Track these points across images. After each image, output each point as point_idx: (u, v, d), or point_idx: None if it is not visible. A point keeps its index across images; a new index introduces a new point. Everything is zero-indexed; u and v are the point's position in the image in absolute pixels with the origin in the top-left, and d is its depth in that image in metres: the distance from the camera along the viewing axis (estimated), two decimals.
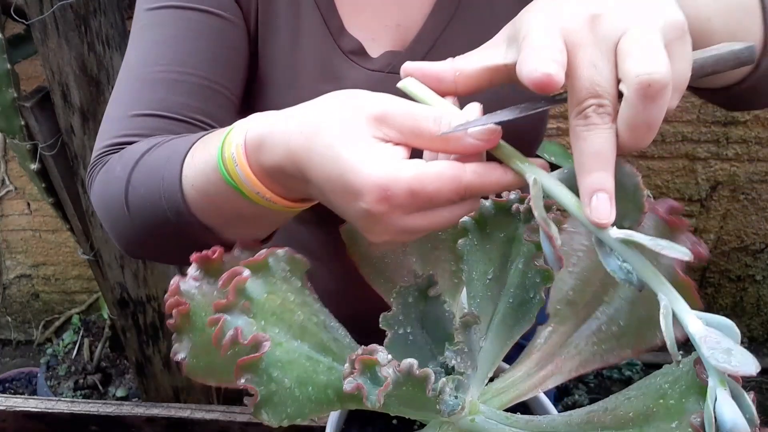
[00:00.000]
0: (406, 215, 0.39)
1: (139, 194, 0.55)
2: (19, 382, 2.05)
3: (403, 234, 0.40)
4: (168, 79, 0.61)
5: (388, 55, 0.68)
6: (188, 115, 0.62)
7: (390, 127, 0.39)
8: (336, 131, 0.39)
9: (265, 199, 0.47)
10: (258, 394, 0.37)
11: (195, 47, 0.62)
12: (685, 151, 1.82)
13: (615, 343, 0.47)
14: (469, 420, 0.45)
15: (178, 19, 0.63)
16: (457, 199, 0.39)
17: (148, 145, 0.56)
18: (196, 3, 0.63)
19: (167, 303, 0.41)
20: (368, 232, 0.41)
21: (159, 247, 0.58)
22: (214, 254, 0.44)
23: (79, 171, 1.38)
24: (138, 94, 0.61)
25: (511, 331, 0.49)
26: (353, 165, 0.38)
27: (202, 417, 0.75)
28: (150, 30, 0.64)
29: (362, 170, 0.38)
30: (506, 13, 0.65)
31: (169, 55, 0.62)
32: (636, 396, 0.41)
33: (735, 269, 2.03)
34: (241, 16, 0.66)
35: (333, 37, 0.67)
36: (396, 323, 0.43)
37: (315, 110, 0.42)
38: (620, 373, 1.96)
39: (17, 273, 2.22)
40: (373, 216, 0.39)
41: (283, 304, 0.41)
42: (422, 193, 0.38)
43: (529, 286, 0.48)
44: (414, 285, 0.44)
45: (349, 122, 0.39)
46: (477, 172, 0.38)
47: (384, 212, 0.38)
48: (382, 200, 0.38)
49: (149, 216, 0.54)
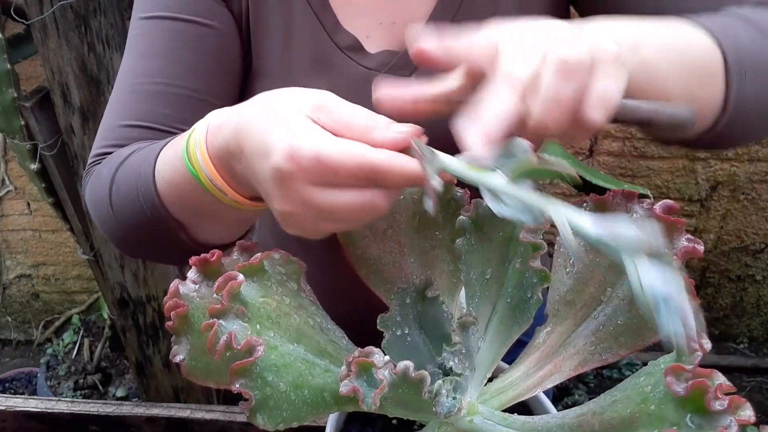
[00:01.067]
0: (311, 186, 0.41)
1: (120, 193, 0.59)
2: (19, 382, 2.06)
3: (307, 208, 0.42)
4: (153, 90, 0.64)
5: (386, 54, 0.68)
6: (171, 125, 0.64)
7: (325, 114, 0.42)
8: (276, 107, 0.43)
9: (217, 187, 0.49)
10: (253, 398, 0.37)
11: (180, 58, 0.65)
12: (685, 151, 1.82)
13: (613, 343, 0.47)
14: (467, 421, 0.45)
15: (166, 30, 0.65)
16: (363, 179, 0.40)
17: (131, 149, 0.61)
18: (183, 14, 0.65)
19: (166, 305, 0.41)
20: (274, 200, 0.43)
21: (142, 244, 0.61)
22: (213, 257, 0.44)
23: (79, 171, 1.38)
24: (126, 104, 0.65)
25: (510, 331, 0.50)
26: (274, 127, 0.42)
27: (202, 417, 0.75)
28: (141, 40, 0.67)
29: (280, 130, 0.41)
30: (509, 15, 0.65)
31: (155, 66, 0.65)
32: (621, 399, 0.41)
33: (735, 269, 2.03)
34: (231, 20, 0.68)
35: (328, 33, 0.67)
36: (394, 324, 0.43)
37: (269, 94, 0.45)
38: (620, 373, 1.96)
39: (17, 273, 2.22)
40: (279, 177, 0.41)
41: (278, 307, 0.41)
42: (328, 160, 0.39)
43: (526, 286, 0.48)
44: (412, 286, 0.44)
45: (290, 102, 0.43)
46: (384, 153, 0.40)
47: (290, 172, 0.40)
48: (289, 158, 0.40)
49: (129, 212, 0.58)
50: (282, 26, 0.68)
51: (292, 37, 0.68)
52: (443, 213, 0.52)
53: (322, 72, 0.67)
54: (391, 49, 0.68)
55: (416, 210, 0.52)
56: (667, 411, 0.36)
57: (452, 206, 0.51)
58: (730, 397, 0.34)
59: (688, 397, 0.35)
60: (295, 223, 0.44)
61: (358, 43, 0.67)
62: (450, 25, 0.67)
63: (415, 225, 0.52)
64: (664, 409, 0.37)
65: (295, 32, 0.68)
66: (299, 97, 0.43)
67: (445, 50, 0.42)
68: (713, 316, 2.13)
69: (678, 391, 0.34)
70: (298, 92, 0.44)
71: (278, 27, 0.68)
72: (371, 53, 0.68)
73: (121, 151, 0.62)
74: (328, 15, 0.67)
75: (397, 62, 0.67)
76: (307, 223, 0.43)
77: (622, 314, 0.46)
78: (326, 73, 0.67)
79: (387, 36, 0.68)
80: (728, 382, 0.35)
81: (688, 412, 0.35)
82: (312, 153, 0.40)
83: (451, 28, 0.44)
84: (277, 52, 0.68)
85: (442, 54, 0.42)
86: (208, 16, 0.66)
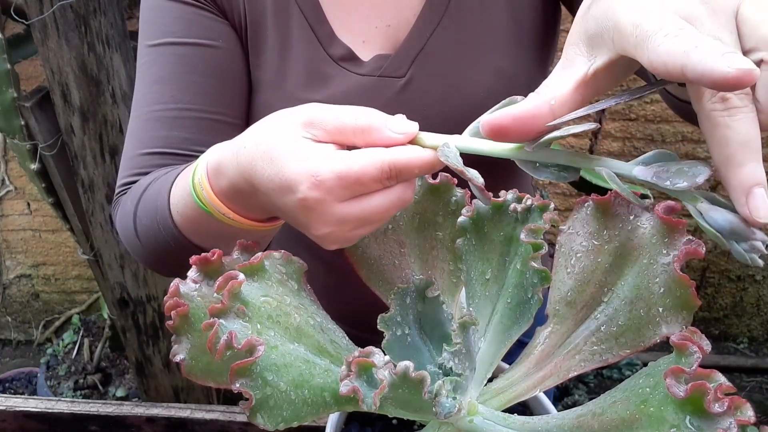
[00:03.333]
0: (340, 203, 0.42)
1: (144, 225, 0.62)
2: (19, 382, 2.06)
3: (343, 224, 0.43)
4: (168, 117, 0.66)
5: (378, 58, 0.68)
6: (189, 148, 0.66)
7: (317, 128, 0.43)
8: (272, 139, 0.44)
9: (230, 219, 0.51)
10: (253, 398, 0.36)
11: (190, 82, 0.67)
12: (685, 151, 1.82)
13: (614, 343, 0.46)
14: (467, 421, 0.45)
15: (173, 56, 0.67)
16: (386, 180, 0.41)
17: (149, 179, 0.63)
18: (187, 37, 0.67)
19: (166, 304, 0.41)
20: (310, 228, 0.44)
21: (174, 267, 0.63)
22: (213, 256, 0.44)
23: (79, 171, 1.38)
24: (143, 133, 0.67)
25: (510, 331, 0.49)
26: (285, 161, 0.42)
27: (202, 417, 0.75)
28: (150, 67, 0.69)
29: (293, 162, 0.42)
30: (498, 13, 0.66)
31: (167, 92, 0.67)
32: (620, 400, 0.41)
33: (735, 269, 2.03)
34: (233, 36, 0.69)
35: (322, 45, 0.68)
36: (394, 324, 0.43)
37: (256, 128, 0.46)
38: (620, 373, 1.96)
39: (17, 273, 2.22)
40: (309, 205, 0.42)
41: (279, 306, 0.41)
42: (350, 175, 0.41)
43: (527, 286, 0.48)
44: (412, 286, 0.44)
45: (281, 129, 0.44)
46: (397, 149, 0.41)
47: (318, 199, 0.41)
48: (314, 186, 0.41)
49: (154, 242, 0.61)
50: (278, 39, 0.68)
51: (289, 50, 0.68)
52: (443, 213, 0.52)
53: (317, 84, 0.68)
54: (382, 53, 0.68)
55: (416, 210, 0.52)
56: (667, 413, 0.36)
57: (452, 206, 0.51)
58: (730, 397, 0.34)
59: (688, 399, 0.34)
60: (334, 240, 0.45)
61: (352, 53, 0.68)
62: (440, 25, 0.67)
63: (415, 225, 0.52)
64: (664, 411, 0.36)
65: (291, 45, 0.68)
66: (287, 121, 0.44)
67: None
68: (713, 316, 2.13)
69: (678, 393, 0.34)
70: (283, 117, 0.45)
71: (275, 40, 0.68)
72: (365, 61, 0.68)
73: (141, 181, 0.64)
74: (324, 27, 0.68)
75: (389, 65, 0.67)
76: (346, 236, 0.45)
77: (622, 315, 0.46)
78: (322, 84, 0.68)
79: (381, 39, 0.69)
80: (728, 383, 0.35)
81: (688, 414, 0.35)
82: (333, 174, 0.41)
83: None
84: (274, 65, 0.69)
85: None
86: (211, 37, 0.68)
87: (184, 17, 0.68)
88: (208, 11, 0.68)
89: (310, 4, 0.67)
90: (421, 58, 0.67)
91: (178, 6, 0.68)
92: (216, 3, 0.69)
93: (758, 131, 0.31)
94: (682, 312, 0.45)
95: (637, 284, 0.46)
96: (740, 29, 0.32)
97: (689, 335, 0.37)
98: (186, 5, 0.68)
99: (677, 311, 0.45)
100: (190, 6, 0.68)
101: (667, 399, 0.36)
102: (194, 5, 0.68)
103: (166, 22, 0.68)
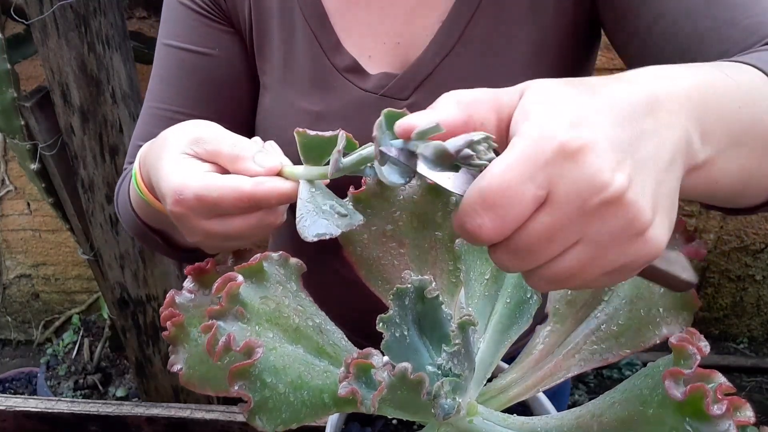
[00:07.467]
0: (204, 219, 0.46)
1: (120, 210, 0.69)
2: (19, 382, 2.06)
3: (210, 237, 0.47)
4: (165, 116, 0.70)
5: (384, 76, 0.66)
6: None
7: (200, 146, 0.47)
8: (163, 148, 0.49)
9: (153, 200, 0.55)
10: (251, 400, 0.36)
11: (187, 87, 0.71)
12: None
13: (614, 342, 0.46)
14: (467, 421, 0.45)
15: (174, 59, 0.71)
16: (246, 207, 0.45)
17: (126, 171, 0.70)
18: (187, 44, 0.70)
19: (162, 315, 0.42)
20: (184, 234, 0.49)
21: (150, 244, 0.67)
22: (207, 265, 0.45)
23: (79, 171, 1.38)
24: (143, 126, 0.72)
25: (509, 331, 0.49)
26: (163, 173, 0.47)
27: (202, 417, 0.75)
28: (159, 65, 0.72)
29: (166, 177, 0.46)
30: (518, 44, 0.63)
31: (167, 93, 0.71)
32: (620, 401, 0.41)
33: (735, 269, 2.03)
34: (236, 43, 0.71)
35: (326, 53, 0.67)
36: (393, 325, 0.43)
37: (165, 132, 0.51)
38: (620, 373, 1.96)
39: (17, 273, 2.22)
40: (176, 216, 0.47)
41: (277, 308, 0.41)
42: (208, 199, 0.44)
43: (526, 286, 0.48)
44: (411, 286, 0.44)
45: (171, 141, 0.48)
46: (256, 181, 0.44)
47: (182, 214, 0.46)
48: (176, 203, 0.45)
49: (128, 223, 0.67)
50: (282, 43, 0.68)
51: (292, 55, 0.68)
52: (443, 213, 0.52)
53: (319, 92, 0.67)
54: (389, 72, 0.66)
55: (415, 210, 0.52)
56: (666, 415, 0.36)
57: (451, 206, 0.51)
58: (729, 398, 0.34)
59: (686, 402, 0.34)
60: (208, 247, 0.51)
61: (358, 64, 0.67)
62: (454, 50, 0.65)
63: (414, 225, 0.52)
64: (663, 413, 0.36)
65: (294, 50, 0.68)
66: (180, 134, 0.49)
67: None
68: (713, 316, 2.13)
69: (676, 396, 0.34)
70: (180, 129, 0.49)
71: (279, 43, 0.68)
72: (371, 74, 0.67)
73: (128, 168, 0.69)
74: (328, 35, 0.67)
75: (394, 85, 0.66)
76: (218, 246, 0.49)
77: (623, 314, 0.46)
78: (323, 93, 0.67)
79: (389, 56, 0.67)
80: (728, 383, 0.35)
81: (687, 416, 0.35)
82: (193, 194, 0.44)
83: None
84: (278, 69, 0.69)
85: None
86: (210, 45, 0.70)
87: (187, 23, 0.69)
88: (211, 18, 0.69)
89: (315, 12, 0.66)
90: (428, 84, 0.65)
91: (183, 10, 0.69)
92: (221, 9, 0.69)
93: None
94: (683, 312, 0.45)
95: (638, 283, 0.46)
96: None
97: (688, 336, 0.37)
98: (191, 11, 0.69)
99: (677, 311, 0.45)
100: (194, 13, 0.69)
101: (665, 401, 0.36)
102: (198, 12, 0.69)
103: (174, 24, 0.70)
